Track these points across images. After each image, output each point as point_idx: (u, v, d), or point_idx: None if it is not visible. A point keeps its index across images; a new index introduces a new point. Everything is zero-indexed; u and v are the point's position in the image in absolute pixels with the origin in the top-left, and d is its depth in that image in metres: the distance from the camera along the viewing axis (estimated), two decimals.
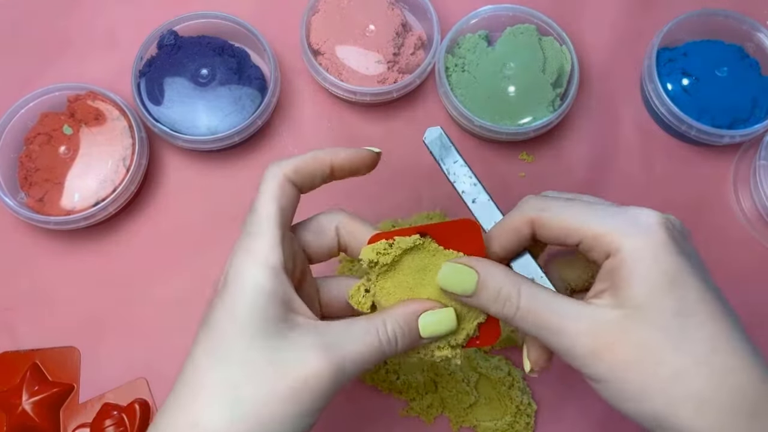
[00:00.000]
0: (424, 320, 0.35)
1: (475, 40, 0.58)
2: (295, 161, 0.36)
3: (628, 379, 0.31)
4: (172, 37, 0.57)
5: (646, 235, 0.32)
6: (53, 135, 0.55)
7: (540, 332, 0.34)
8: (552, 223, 0.35)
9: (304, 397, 0.31)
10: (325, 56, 0.58)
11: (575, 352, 0.33)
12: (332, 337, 0.33)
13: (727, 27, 0.59)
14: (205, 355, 0.32)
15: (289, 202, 0.36)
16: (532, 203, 0.36)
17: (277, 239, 0.34)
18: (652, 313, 0.32)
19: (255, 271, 0.33)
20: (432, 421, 0.52)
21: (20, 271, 0.56)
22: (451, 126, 0.60)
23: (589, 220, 0.34)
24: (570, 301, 0.34)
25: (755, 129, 0.55)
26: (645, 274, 0.32)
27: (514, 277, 0.34)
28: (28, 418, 0.51)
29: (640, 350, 0.31)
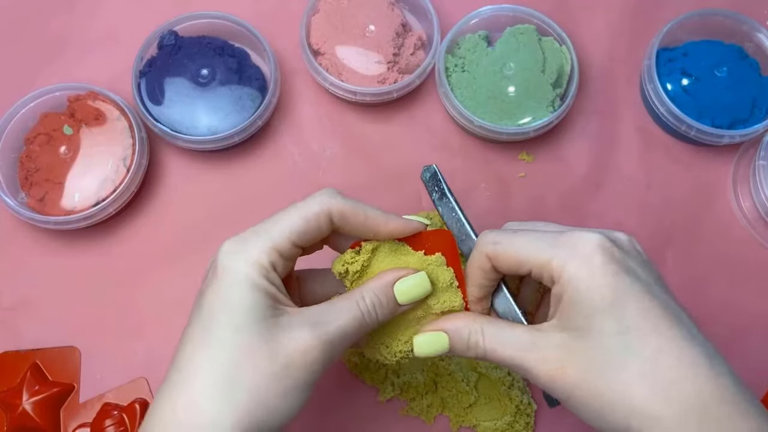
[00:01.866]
0: (398, 287, 0.38)
1: (475, 40, 0.58)
2: (346, 202, 0.37)
3: (583, 398, 0.34)
4: (172, 37, 0.57)
5: (583, 259, 0.34)
6: (53, 135, 0.55)
7: (507, 365, 0.36)
8: (504, 256, 0.36)
9: (297, 374, 0.33)
10: (325, 56, 0.58)
11: (537, 379, 0.35)
12: (318, 316, 0.35)
13: (727, 27, 0.59)
14: (199, 338, 0.34)
15: (317, 231, 0.37)
16: (486, 238, 0.38)
17: (277, 247, 0.35)
18: (594, 335, 0.33)
19: (246, 267, 0.34)
20: (432, 421, 0.52)
21: (20, 271, 0.56)
22: (451, 126, 0.60)
23: (533, 250, 0.35)
24: (526, 331, 0.36)
25: (755, 129, 0.55)
26: (583, 298, 0.33)
27: (477, 323, 0.38)
28: (29, 418, 0.51)
29: (587, 371, 0.33)
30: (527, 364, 0.35)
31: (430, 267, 0.39)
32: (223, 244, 0.36)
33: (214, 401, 0.32)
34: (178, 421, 0.32)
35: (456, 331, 0.38)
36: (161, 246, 0.56)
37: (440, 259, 0.39)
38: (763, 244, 0.57)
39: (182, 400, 0.32)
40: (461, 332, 0.38)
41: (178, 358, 0.34)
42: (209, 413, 0.32)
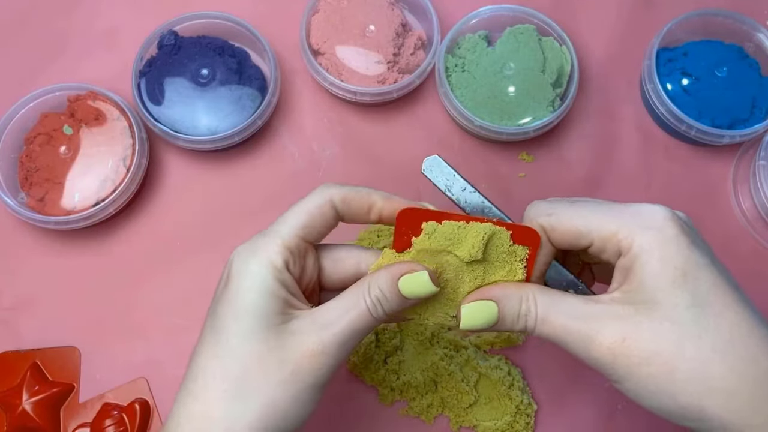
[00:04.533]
0: (403, 282, 0.36)
1: (475, 40, 0.58)
2: (347, 190, 0.37)
3: (646, 375, 0.31)
4: (172, 37, 0.57)
5: (656, 230, 0.32)
6: (53, 135, 0.55)
7: (559, 339, 0.34)
8: (561, 227, 0.35)
9: (307, 378, 0.33)
10: (325, 56, 0.58)
11: (592, 354, 0.33)
12: (325, 317, 0.34)
13: (727, 27, 0.59)
14: (211, 347, 0.34)
15: (323, 222, 0.36)
16: (538, 208, 0.36)
17: (286, 243, 0.35)
18: (665, 307, 0.32)
19: (258, 270, 0.34)
20: (432, 421, 0.52)
21: (20, 271, 0.56)
22: (451, 126, 0.60)
23: (598, 221, 0.34)
24: (584, 302, 0.34)
25: (755, 129, 0.55)
26: (656, 269, 0.32)
27: (528, 290, 0.35)
28: (29, 418, 0.51)
29: (655, 345, 0.31)
30: (583, 335, 0.33)
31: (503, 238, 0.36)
32: (237, 248, 0.36)
33: (227, 410, 0.33)
34: (193, 430, 0.33)
35: (505, 298, 0.35)
36: (161, 246, 0.56)
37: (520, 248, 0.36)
38: (763, 244, 0.57)
39: (197, 410, 0.33)
40: (511, 300, 0.35)
41: (192, 366, 0.35)
42: (223, 422, 0.32)
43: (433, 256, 0.36)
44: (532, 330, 0.35)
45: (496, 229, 0.36)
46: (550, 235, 0.35)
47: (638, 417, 0.53)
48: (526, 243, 0.36)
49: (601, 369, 0.33)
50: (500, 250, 0.36)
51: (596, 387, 0.53)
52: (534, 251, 0.36)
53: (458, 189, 0.39)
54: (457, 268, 0.36)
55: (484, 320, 0.35)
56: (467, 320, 0.35)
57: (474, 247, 0.35)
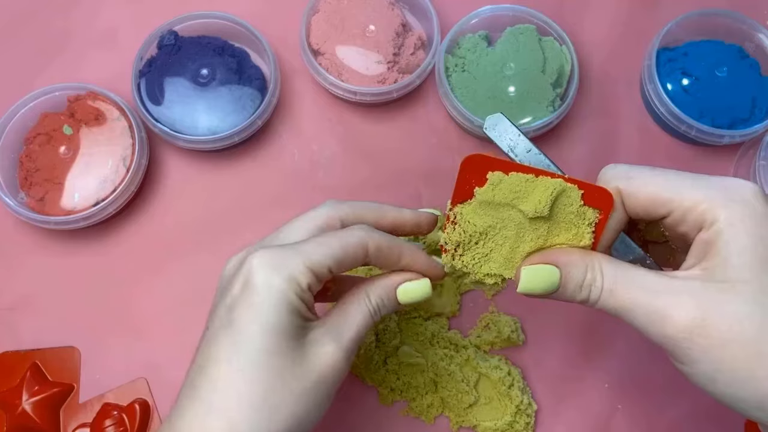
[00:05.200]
0: (400, 292, 0.39)
1: (475, 40, 0.58)
2: (384, 241, 0.37)
3: (724, 359, 0.29)
4: (172, 37, 0.57)
5: (744, 205, 0.30)
6: (53, 135, 0.55)
7: (627, 313, 0.32)
8: (640, 192, 0.33)
9: (326, 387, 0.35)
10: (325, 56, 0.58)
11: (667, 331, 0.30)
12: (336, 327, 0.36)
13: (727, 27, 0.59)
14: (231, 359, 0.33)
15: (352, 263, 0.37)
16: (615, 171, 0.34)
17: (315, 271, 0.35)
18: (752, 288, 0.29)
19: (284, 287, 0.34)
20: (432, 421, 0.52)
21: (20, 271, 0.56)
22: (451, 126, 0.60)
23: (681, 189, 0.32)
24: (657, 275, 0.32)
25: (755, 129, 0.55)
26: (744, 246, 0.30)
27: (595, 259, 0.33)
28: (28, 418, 0.51)
29: (738, 327, 0.29)
30: (655, 310, 0.30)
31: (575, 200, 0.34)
32: (256, 254, 0.35)
33: (254, 426, 0.32)
34: None
35: (570, 264, 0.33)
36: (161, 246, 0.56)
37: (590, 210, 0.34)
38: None
39: (219, 425, 0.32)
40: (576, 267, 0.33)
41: (207, 375, 0.34)
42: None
43: (494, 210, 0.34)
44: (596, 301, 0.32)
45: (566, 186, 0.33)
46: (626, 201, 0.33)
47: (638, 417, 0.53)
48: (597, 205, 0.33)
49: (674, 348, 0.30)
50: (568, 210, 0.34)
51: (596, 386, 0.53)
52: (606, 215, 0.33)
53: (522, 150, 0.36)
54: (519, 225, 0.34)
55: (544, 286, 0.33)
56: (526, 284, 0.34)
57: (541, 202, 0.33)
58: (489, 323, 0.54)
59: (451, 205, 0.36)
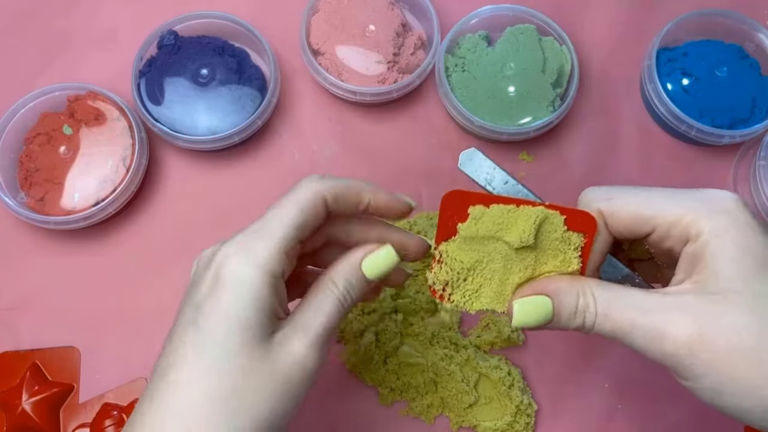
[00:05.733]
0: (365, 265, 0.36)
1: (475, 40, 0.58)
2: (336, 183, 0.35)
3: (726, 371, 0.29)
4: (172, 37, 0.57)
5: (728, 215, 0.30)
6: (53, 135, 0.55)
7: (624, 335, 0.31)
8: (622, 212, 0.32)
9: (297, 386, 0.33)
10: (325, 56, 0.58)
11: (666, 349, 0.30)
12: (303, 322, 0.34)
13: (727, 27, 0.59)
14: (199, 360, 0.32)
15: (315, 221, 0.35)
16: (595, 193, 0.34)
17: (284, 247, 0.33)
18: (745, 297, 0.29)
19: (254, 278, 0.32)
20: (432, 421, 0.52)
21: (20, 271, 0.56)
22: (451, 126, 0.60)
23: (662, 205, 0.31)
24: (650, 294, 0.31)
25: (755, 129, 0.55)
26: (732, 256, 0.30)
27: (586, 284, 0.33)
28: (28, 418, 0.51)
29: (737, 338, 0.29)
30: (652, 329, 0.30)
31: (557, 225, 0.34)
32: (223, 247, 0.33)
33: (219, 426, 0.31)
34: None
35: (561, 292, 0.33)
36: (161, 246, 0.56)
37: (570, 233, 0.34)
38: None
39: (175, 427, 0.31)
40: (567, 294, 0.32)
41: (167, 375, 0.32)
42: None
43: (480, 244, 0.34)
44: (591, 327, 0.32)
45: (548, 213, 0.33)
46: (609, 222, 0.33)
47: (638, 417, 0.53)
48: (581, 230, 0.34)
49: (675, 365, 0.30)
50: (553, 237, 0.34)
51: (596, 387, 0.53)
52: (590, 239, 0.33)
53: (500, 182, 0.37)
54: (506, 257, 0.34)
55: (538, 317, 0.33)
56: (520, 317, 0.33)
57: (525, 231, 0.33)
58: (489, 323, 0.54)
59: (436, 244, 0.35)
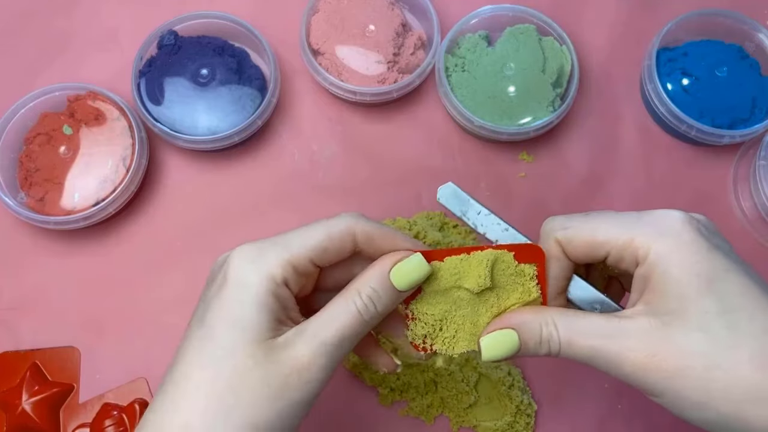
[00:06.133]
0: (394, 275, 0.35)
1: (475, 40, 0.58)
2: (373, 228, 0.35)
3: (683, 387, 0.30)
4: (172, 37, 0.57)
5: (673, 236, 0.32)
6: (53, 135, 0.55)
7: (588, 360, 0.33)
8: (577, 240, 0.34)
9: (295, 394, 0.32)
10: (325, 56, 0.58)
11: (623, 371, 0.32)
12: (315, 327, 0.33)
13: (727, 27, 0.59)
14: (196, 355, 0.32)
15: (339, 252, 0.35)
16: (554, 223, 0.36)
17: (294, 262, 0.33)
18: (694, 316, 0.31)
19: (257, 282, 0.33)
20: (432, 421, 0.52)
21: (20, 271, 0.56)
22: (451, 126, 0.60)
23: (612, 230, 0.33)
24: (607, 319, 0.33)
25: (755, 129, 0.55)
26: (678, 277, 0.31)
27: (547, 314, 0.34)
28: (28, 418, 0.51)
29: (688, 357, 0.30)
30: (611, 354, 0.32)
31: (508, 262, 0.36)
32: (237, 249, 0.34)
33: (206, 425, 0.31)
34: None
35: (525, 325, 0.34)
36: (161, 246, 0.56)
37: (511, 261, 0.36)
38: (764, 244, 0.57)
39: (177, 421, 0.31)
40: (531, 326, 0.34)
41: (174, 371, 0.33)
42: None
43: (444, 295, 0.36)
44: (557, 353, 0.34)
45: (497, 254, 0.36)
46: (567, 249, 0.35)
47: (638, 417, 0.53)
48: (531, 260, 0.36)
49: (637, 385, 0.32)
50: (508, 273, 0.36)
51: (596, 387, 0.53)
52: (542, 267, 0.36)
53: (473, 214, 0.39)
54: (470, 301, 0.36)
55: (506, 350, 0.35)
56: (488, 352, 0.35)
57: (480, 276, 0.35)
58: None
59: (405, 305, 0.37)
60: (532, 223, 0.40)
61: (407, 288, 0.35)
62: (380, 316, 0.35)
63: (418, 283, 0.35)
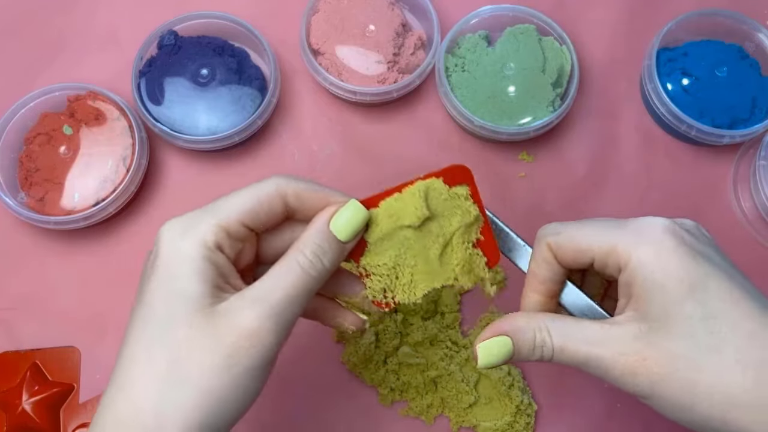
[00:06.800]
0: (335, 226, 0.34)
1: (475, 40, 0.58)
2: (302, 186, 0.35)
3: (669, 391, 0.31)
4: (172, 37, 0.57)
5: (653, 243, 0.32)
6: (53, 135, 0.55)
7: (580, 366, 0.34)
8: (566, 246, 0.35)
9: (245, 360, 0.31)
10: (325, 56, 0.58)
11: (614, 375, 0.33)
12: (259, 290, 0.33)
13: (727, 27, 0.59)
14: (138, 335, 0.32)
15: (269, 212, 0.35)
16: (548, 229, 0.36)
17: (225, 227, 0.33)
18: (677, 323, 0.31)
19: (188, 250, 0.32)
20: (432, 421, 0.52)
21: (20, 271, 0.56)
22: (451, 126, 0.60)
23: (597, 236, 0.34)
24: (598, 326, 0.34)
25: (755, 129, 0.55)
26: (660, 284, 0.32)
27: (540, 320, 0.35)
28: (28, 418, 0.51)
29: (673, 362, 0.31)
30: (603, 359, 0.33)
31: (434, 187, 0.37)
32: (166, 223, 0.34)
33: (158, 401, 0.30)
34: (125, 424, 0.31)
35: (518, 331, 0.35)
36: None
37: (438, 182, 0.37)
38: (764, 244, 0.57)
39: (125, 404, 0.31)
40: (524, 332, 0.35)
41: (121, 356, 0.32)
42: (153, 413, 0.30)
43: (389, 240, 0.36)
44: (550, 359, 0.34)
45: (428, 182, 0.36)
46: (557, 254, 0.36)
47: (638, 417, 0.53)
48: (461, 181, 0.37)
49: (625, 389, 0.33)
50: (442, 199, 0.36)
51: (596, 387, 0.53)
52: (473, 184, 0.37)
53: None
54: (416, 239, 0.36)
55: (500, 356, 0.35)
56: (484, 359, 0.35)
57: (417, 207, 0.36)
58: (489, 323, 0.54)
59: (356, 263, 0.37)
60: (532, 224, 0.40)
61: (350, 236, 0.35)
62: (328, 272, 0.35)
63: (359, 229, 0.35)
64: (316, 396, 0.53)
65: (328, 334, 0.54)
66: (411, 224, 0.36)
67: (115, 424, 0.31)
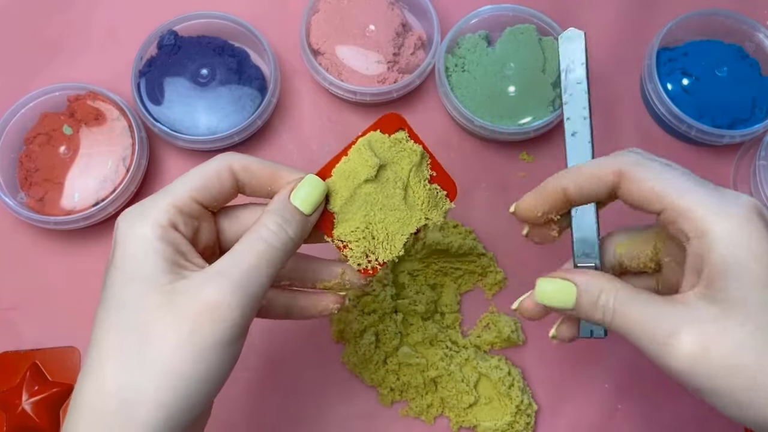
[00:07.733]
0: (296, 199, 0.35)
1: (475, 40, 0.58)
2: (250, 160, 0.36)
3: (736, 383, 0.29)
4: (172, 37, 0.57)
5: (741, 220, 0.30)
6: (53, 135, 0.55)
7: (634, 339, 0.32)
8: (642, 183, 0.32)
9: (210, 336, 0.31)
10: (325, 56, 0.58)
11: (668, 361, 0.30)
12: (221, 265, 0.32)
13: (727, 27, 0.59)
14: (107, 320, 0.32)
15: (219, 187, 0.35)
16: (628, 156, 0.34)
17: (177, 205, 0.34)
18: (753, 310, 0.29)
19: (143, 231, 0.33)
20: (432, 421, 0.52)
21: (20, 271, 0.56)
22: (451, 126, 0.60)
23: (682, 190, 0.31)
24: (665, 302, 0.31)
25: (755, 129, 0.55)
26: (742, 264, 0.29)
27: (611, 282, 0.33)
28: (28, 418, 0.51)
29: (741, 353, 0.29)
30: (660, 338, 0.30)
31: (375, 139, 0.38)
32: (122, 213, 0.34)
33: (124, 382, 0.30)
34: (93, 409, 0.30)
35: (587, 284, 0.33)
36: None
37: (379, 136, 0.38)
38: None
39: (94, 387, 0.31)
40: (592, 288, 0.33)
41: (90, 343, 0.32)
42: (119, 395, 0.30)
43: (355, 203, 0.37)
44: (609, 323, 0.32)
45: (368, 136, 0.38)
46: (624, 186, 0.33)
47: (638, 417, 0.53)
48: (397, 127, 0.38)
49: (677, 378, 0.30)
50: (387, 147, 0.38)
51: (596, 387, 0.53)
52: (408, 127, 0.39)
53: (573, 80, 0.37)
54: (377, 191, 0.37)
55: (561, 300, 0.34)
56: (543, 295, 0.34)
57: (367, 159, 0.37)
58: (489, 323, 0.54)
59: (329, 237, 0.38)
60: None
61: (312, 209, 0.35)
62: (294, 243, 0.34)
63: (319, 201, 0.36)
64: (316, 396, 0.53)
65: (328, 334, 0.54)
66: (368, 177, 0.37)
67: (85, 409, 0.31)
